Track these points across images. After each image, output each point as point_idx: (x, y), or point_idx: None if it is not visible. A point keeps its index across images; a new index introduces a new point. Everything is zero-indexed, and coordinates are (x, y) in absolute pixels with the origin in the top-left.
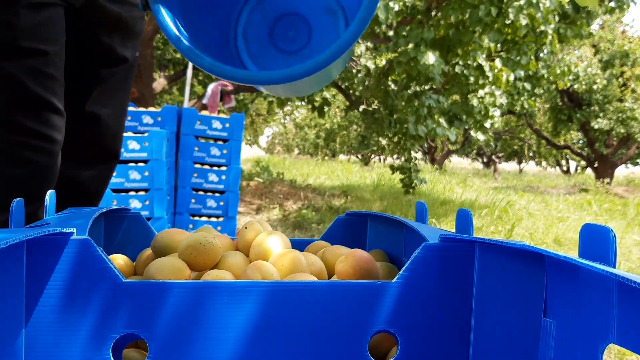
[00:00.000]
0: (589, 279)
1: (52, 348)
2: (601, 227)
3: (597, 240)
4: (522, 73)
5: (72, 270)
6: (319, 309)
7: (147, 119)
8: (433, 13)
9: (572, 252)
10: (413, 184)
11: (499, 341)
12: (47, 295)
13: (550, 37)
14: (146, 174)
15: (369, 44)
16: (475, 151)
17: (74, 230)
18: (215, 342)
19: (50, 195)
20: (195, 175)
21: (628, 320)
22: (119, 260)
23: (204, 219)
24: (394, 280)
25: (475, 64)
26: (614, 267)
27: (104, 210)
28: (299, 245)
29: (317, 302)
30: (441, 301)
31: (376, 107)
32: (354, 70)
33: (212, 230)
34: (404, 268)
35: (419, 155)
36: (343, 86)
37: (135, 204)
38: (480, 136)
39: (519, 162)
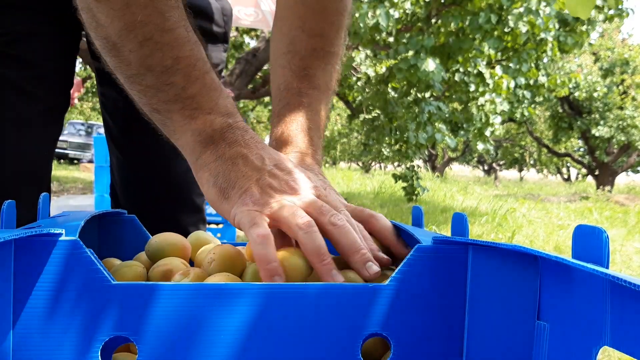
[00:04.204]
0: (581, 279)
1: (40, 350)
2: (594, 228)
3: (590, 241)
4: (522, 80)
5: (61, 271)
6: (311, 311)
7: None
8: (433, 20)
9: None
10: (416, 192)
11: (492, 344)
12: (36, 296)
13: (550, 45)
14: None
15: (369, 52)
16: (476, 159)
17: (63, 232)
18: (206, 344)
19: (43, 197)
20: None
21: (621, 321)
22: (114, 263)
23: None
24: (386, 282)
25: (475, 71)
26: (607, 267)
27: (99, 214)
28: None
29: (309, 304)
30: (434, 303)
31: (376, 114)
32: (354, 78)
33: (208, 235)
34: (396, 270)
35: (420, 162)
36: (342, 94)
37: None
38: (480, 145)
39: (520, 170)
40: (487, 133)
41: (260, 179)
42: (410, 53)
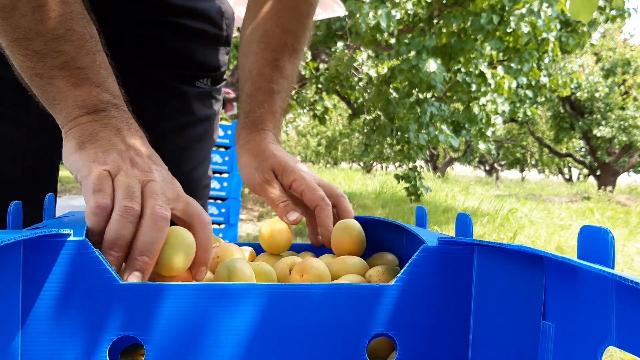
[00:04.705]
0: (587, 279)
1: (49, 350)
2: (599, 229)
3: (596, 242)
4: (524, 80)
5: (69, 271)
6: (316, 312)
7: None
8: (435, 21)
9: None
10: (419, 192)
11: (498, 344)
12: (44, 296)
13: (551, 45)
14: None
15: (371, 52)
16: (477, 159)
17: (71, 232)
18: (213, 344)
19: (48, 198)
20: None
21: (626, 321)
22: None
23: None
24: (392, 283)
25: (477, 72)
26: (613, 268)
27: None
28: (297, 249)
29: (314, 305)
30: (440, 304)
31: (377, 115)
32: (356, 78)
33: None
34: (402, 271)
35: (422, 163)
36: (344, 94)
37: None
38: (482, 145)
39: (521, 170)
40: (489, 133)
41: (125, 151)
42: (412, 53)
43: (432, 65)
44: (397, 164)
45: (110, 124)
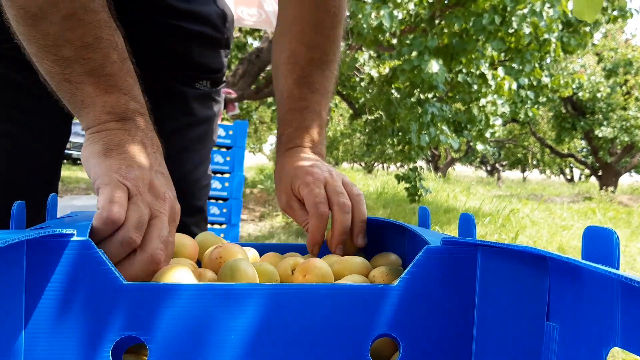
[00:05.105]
0: (592, 280)
1: (51, 349)
2: (604, 229)
3: (601, 243)
4: (525, 81)
5: (73, 271)
6: (319, 312)
7: None
8: (437, 21)
9: None
10: (419, 193)
11: (501, 345)
12: (47, 296)
13: (553, 46)
14: None
15: (373, 53)
16: (478, 159)
17: (75, 232)
18: (216, 345)
19: (51, 198)
20: None
21: (631, 322)
22: None
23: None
24: (396, 283)
25: (478, 72)
26: (617, 268)
27: None
28: (300, 249)
29: (318, 305)
30: (443, 304)
31: (379, 115)
32: (357, 79)
33: (214, 236)
34: (405, 271)
35: (423, 163)
36: (346, 94)
37: None
38: (480, 146)
39: (523, 170)
40: (487, 134)
41: (148, 171)
42: (414, 54)
43: (434, 65)
44: (398, 164)
45: (137, 136)
